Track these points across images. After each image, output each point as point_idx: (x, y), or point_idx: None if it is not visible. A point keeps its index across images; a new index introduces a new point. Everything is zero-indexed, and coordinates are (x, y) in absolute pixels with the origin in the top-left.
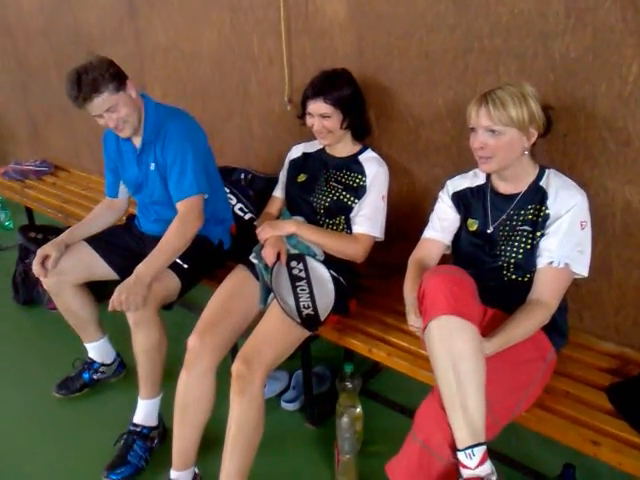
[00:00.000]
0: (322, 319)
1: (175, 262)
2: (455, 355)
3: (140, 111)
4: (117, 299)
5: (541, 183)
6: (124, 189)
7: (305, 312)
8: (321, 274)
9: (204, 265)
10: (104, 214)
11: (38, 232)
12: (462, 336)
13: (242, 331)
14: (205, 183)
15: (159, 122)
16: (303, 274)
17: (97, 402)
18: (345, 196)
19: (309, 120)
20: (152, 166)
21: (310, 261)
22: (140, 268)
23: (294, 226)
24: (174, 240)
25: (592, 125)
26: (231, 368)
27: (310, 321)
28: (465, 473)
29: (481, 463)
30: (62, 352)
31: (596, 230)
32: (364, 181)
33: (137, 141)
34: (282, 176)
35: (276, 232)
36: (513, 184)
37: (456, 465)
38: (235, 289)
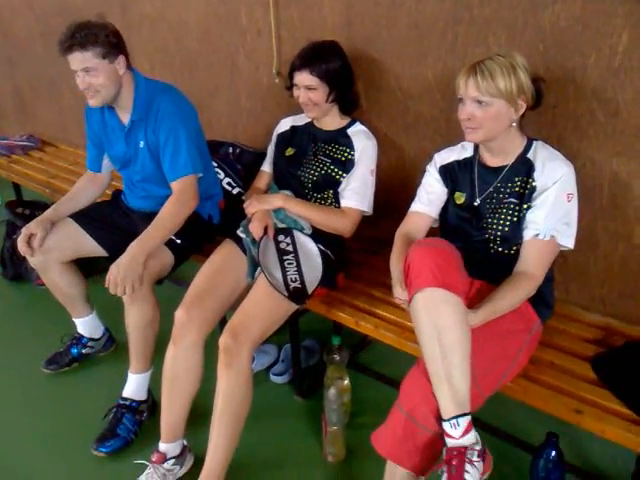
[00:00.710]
0: (309, 292)
1: (169, 238)
2: (440, 327)
3: (124, 87)
4: (113, 281)
5: (528, 155)
6: (108, 163)
7: (292, 285)
8: (309, 248)
9: (195, 240)
10: (87, 188)
11: (25, 208)
12: (447, 308)
13: (229, 304)
14: (199, 162)
15: (149, 99)
16: (291, 248)
17: (86, 376)
18: (333, 170)
19: (295, 92)
20: (141, 144)
21: (298, 235)
22: (134, 247)
23: (281, 200)
24: (169, 219)
25: (581, 96)
26: (218, 341)
27: (297, 294)
28: (450, 442)
29: (465, 433)
30: (51, 328)
31: (583, 202)
32: (352, 155)
33: (125, 117)
34: (270, 150)
35: (263, 206)
36: (501, 156)
37: (441, 435)
38: (222, 263)
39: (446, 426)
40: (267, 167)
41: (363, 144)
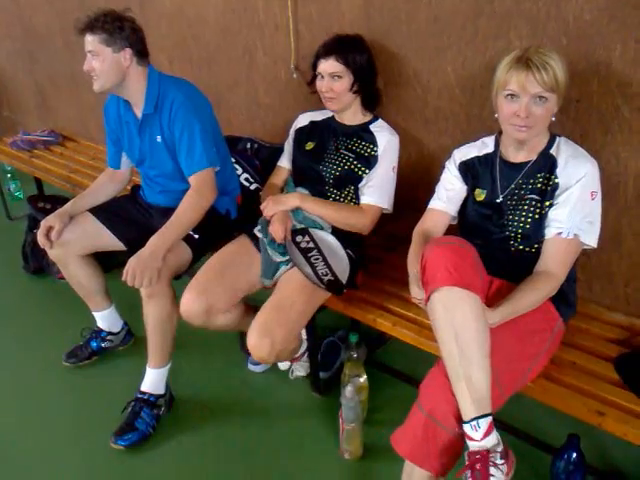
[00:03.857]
0: (344, 282)
1: (187, 233)
2: (457, 326)
3: (132, 81)
4: (132, 273)
5: (551, 151)
6: (126, 160)
7: (326, 279)
8: (329, 242)
9: (213, 235)
10: (107, 185)
11: (46, 202)
12: (464, 307)
13: (237, 298)
14: (215, 156)
15: (162, 93)
16: (312, 244)
17: (105, 370)
18: (356, 166)
19: (318, 83)
20: (158, 138)
21: (314, 232)
22: (154, 241)
23: (298, 199)
24: (188, 213)
25: (605, 91)
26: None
27: (334, 286)
28: (471, 445)
29: (487, 434)
30: (71, 321)
31: (607, 200)
32: (375, 151)
33: (139, 112)
34: (287, 145)
35: (280, 207)
36: (525, 152)
37: (462, 436)
38: (234, 256)
39: (467, 428)
40: (284, 163)
41: (387, 139)
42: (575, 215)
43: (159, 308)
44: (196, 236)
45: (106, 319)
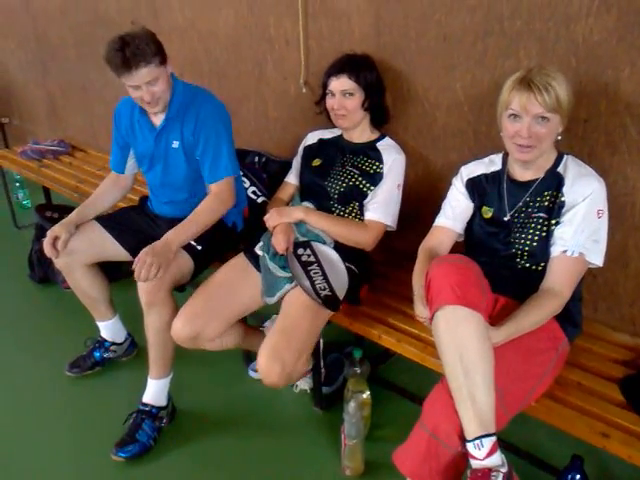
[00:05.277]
0: (341, 298)
1: (189, 243)
2: (461, 345)
3: (171, 89)
4: (141, 263)
5: (558, 169)
6: (131, 165)
7: (323, 294)
8: (330, 256)
9: (217, 247)
10: (110, 191)
11: (54, 211)
12: (468, 326)
13: (233, 321)
14: (237, 166)
15: (187, 101)
16: (312, 258)
17: (108, 381)
18: (361, 182)
19: (329, 101)
20: (175, 144)
21: (316, 245)
22: (169, 235)
23: (302, 213)
24: (206, 214)
25: (613, 111)
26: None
27: (330, 302)
28: (474, 464)
29: (490, 454)
30: (76, 331)
31: (614, 219)
32: (381, 168)
33: (156, 118)
34: (296, 162)
35: (283, 219)
36: (532, 170)
37: (465, 455)
38: (225, 280)
39: (470, 447)
40: (291, 179)
41: (393, 158)
42: (581, 233)
43: (159, 317)
44: (199, 247)
45: (110, 329)
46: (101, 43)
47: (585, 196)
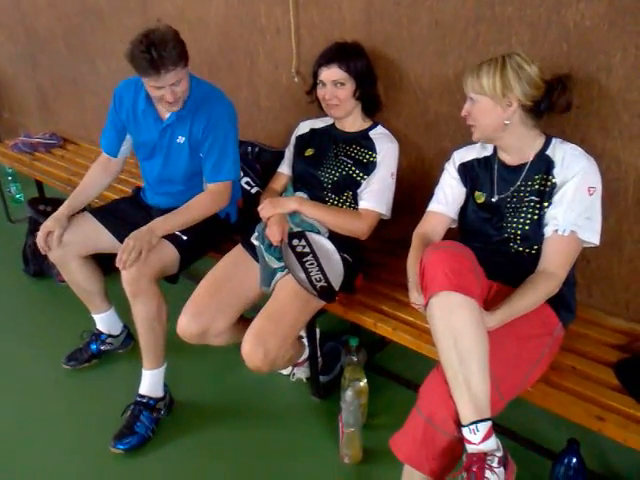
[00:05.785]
0: (337, 289)
1: (173, 233)
2: (456, 331)
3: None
4: (125, 248)
5: (547, 152)
6: (125, 149)
7: (319, 285)
8: (325, 246)
9: (207, 238)
10: (99, 177)
11: (47, 205)
12: (462, 312)
13: (237, 313)
14: (239, 170)
15: (199, 99)
16: (307, 249)
17: (105, 373)
18: (354, 171)
19: (320, 91)
20: (181, 139)
21: (311, 236)
22: (156, 222)
23: (296, 203)
24: (198, 209)
25: (605, 96)
26: (242, 348)
27: (326, 292)
28: (469, 448)
29: (485, 438)
30: (71, 324)
31: (607, 204)
32: (374, 157)
33: (165, 110)
34: (288, 152)
35: (277, 210)
36: (517, 155)
37: (461, 440)
38: (227, 272)
39: (465, 431)
40: (284, 169)
41: (386, 146)
42: (571, 211)
43: (146, 307)
44: (184, 237)
45: (106, 322)
46: (90, 34)
47: (574, 174)
